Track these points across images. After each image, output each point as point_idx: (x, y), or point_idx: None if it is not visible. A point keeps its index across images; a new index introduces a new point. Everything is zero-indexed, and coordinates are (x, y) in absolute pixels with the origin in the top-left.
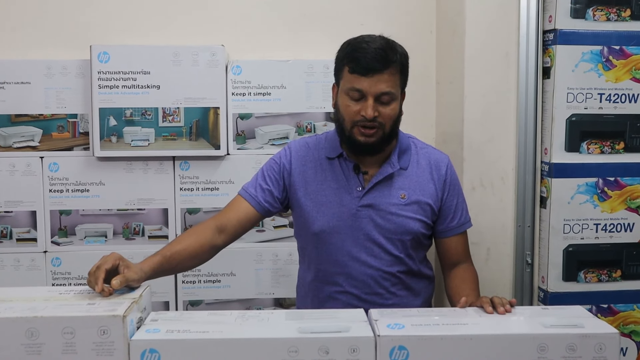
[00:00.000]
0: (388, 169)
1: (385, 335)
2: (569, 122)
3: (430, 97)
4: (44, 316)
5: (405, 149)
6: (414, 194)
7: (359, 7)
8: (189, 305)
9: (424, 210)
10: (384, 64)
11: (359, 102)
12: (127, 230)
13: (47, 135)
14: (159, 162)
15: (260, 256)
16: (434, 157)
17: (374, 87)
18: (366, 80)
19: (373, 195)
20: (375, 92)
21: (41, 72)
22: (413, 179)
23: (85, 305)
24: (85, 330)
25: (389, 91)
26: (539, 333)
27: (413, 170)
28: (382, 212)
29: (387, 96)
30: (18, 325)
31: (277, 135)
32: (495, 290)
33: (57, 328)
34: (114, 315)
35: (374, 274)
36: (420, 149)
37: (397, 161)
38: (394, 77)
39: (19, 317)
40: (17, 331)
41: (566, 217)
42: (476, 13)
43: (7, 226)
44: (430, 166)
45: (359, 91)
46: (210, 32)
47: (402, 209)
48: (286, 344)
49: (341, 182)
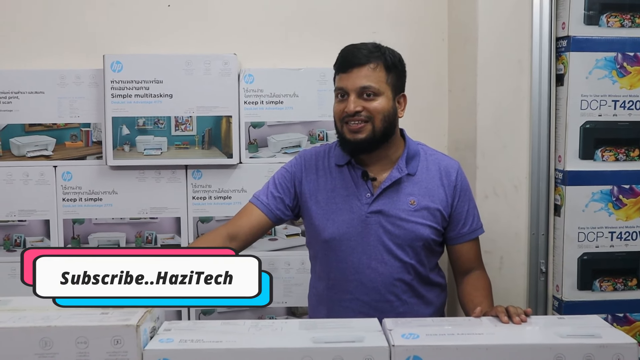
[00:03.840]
0: (396, 174)
1: (400, 345)
2: (583, 129)
3: (442, 104)
4: (58, 326)
5: (413, 154)
6: (424, 200)
7: (371, 15)
8: (201, 314)
9: (433, 216)
10: (363, 59)
11: (344, 101)
12: (140, 239)
13: (61, 145)
14: (171, 170)
15: (272, 265)
16: (444, 163)
17: (353, 82)
18: (346, 77)
19: (382, 201)
20: (354, 87)
21: (55, 82)
22: (422, 185)
23: (98, 315)
24: (98, 340)
25: (369, 85)
26: (555, 343)
27: (422, 176)
28: (391, 218)
29: (369, 90)
30: (32, 334)
31: (290, 143)
32: (509, 299)
33: (71, 338)
34: (127, 325)
35: (384, 281)
36: (429, 155)
37: (405, 166)
38: (375, 71)
39: (33, 326)
40: (31, 341)
41: (581, 225)
42: (488, 20)
43: (21, 235)
44: (440, 172)
45: (342, 89)
46: (223, 40)
47: (411, 214)
48: (300, 353)
49: (350, 189)
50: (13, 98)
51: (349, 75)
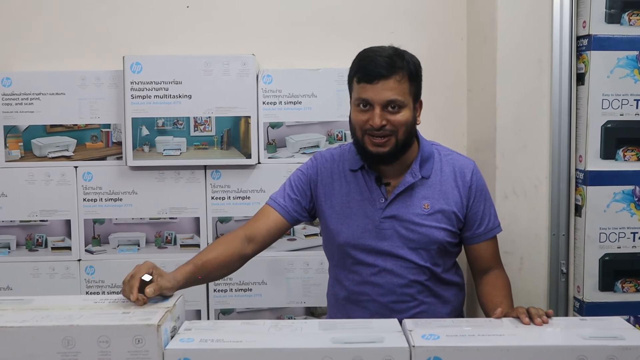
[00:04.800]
0: (409, 179)
1: (420, 345)
2: (604, 128)
3: (461, 104)
4: (80, 325)
5: (427, 157)
6: (438, 203)
7: (389, 14)
8: (221, 314)
9: (448, 218)
10: (388, 70)
11: (367, 112)
12: (160, 239)
13: (81, 145)
14: (190, 171)
15: (291, 265)
16: (459, 163)
17: (379, 95)
18: (372, 89)
19: (396, 206)
20: (381, 100)
21: (75, 83)
22: (436, 188)
23: (120, 314)
24: (120, 339)
25: (396, 99)
26: (578, 345)
27: (436, 179)
28: (405, 223)
29: (394, 103)
30: (55, 333)
31: (308, 143)
32: (530, 300)
33: (93, 337)
34: (148, 325)
35: (400, 283)
36: (444, 156)
37: (419, 170)
38: (400, 84)
39: (56, 325)
40: (54, 339)
41: (602, 225)
42: (508, 19)
43: (43, 235)
44: (455, 173)
45: (366, 100)
46: (241, 41)
47: (425, 218)
48: (320, 354)
49: (365, 194)
50: (34, 99)
51: (374, 87)
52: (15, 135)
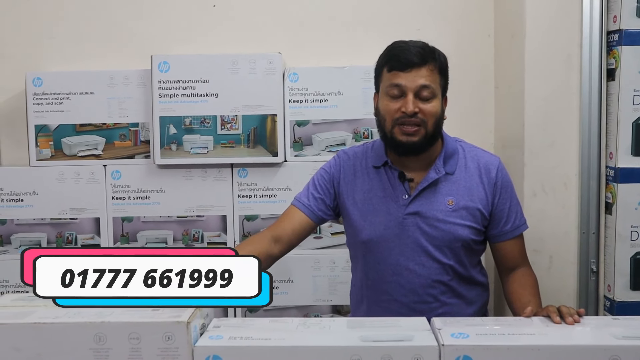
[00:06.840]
0: (433, 175)
1: (449, 344)
2: (636, 125)
3: (488, 101)
4: (111, 321)
5: (451, 153)
6: (462, 200)
7: (415, 11)
8: (247, 312)
9: (473, 216)
10: (422, 58)
11: (399, 100)
12: (187, 237)
13: (110, 144)
14: (217, 169)
15: (317, 263)
16: (484, 160)
17: (413, 81)
18: (405, 76)
19: (419, 202)
20: (414, 86)
21: (104, 83)
22: (461, 184)
23: (150, 311)
24: (150, 336)
25: (429, 85)
26: (610, 344)
27: (461, 175)
28: (429, 220)
29: (428, 91)
30: (86, 330)
31: (334, 141)
32: (559, 299)
33: (124, 333)
34: (178, 322)
35: (422, 283)
36: (468, 152)
37: (443, 166)
38: (433, 73)
39: (87, 322)
40: (85, 336)
41: (633, 223)
42: (536, 14)
43: (73, 232)
44: (480, 169)
45: (399, 86)
46: (267, 39)
47: (449, 215)
48: (349, 352)
49: (387, 191)
50: (64, 99)
51: (408, 75)
52: (46, 134)
